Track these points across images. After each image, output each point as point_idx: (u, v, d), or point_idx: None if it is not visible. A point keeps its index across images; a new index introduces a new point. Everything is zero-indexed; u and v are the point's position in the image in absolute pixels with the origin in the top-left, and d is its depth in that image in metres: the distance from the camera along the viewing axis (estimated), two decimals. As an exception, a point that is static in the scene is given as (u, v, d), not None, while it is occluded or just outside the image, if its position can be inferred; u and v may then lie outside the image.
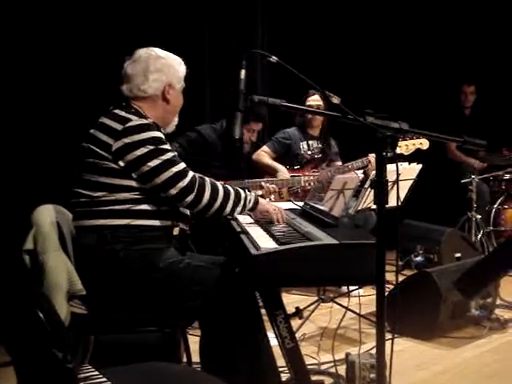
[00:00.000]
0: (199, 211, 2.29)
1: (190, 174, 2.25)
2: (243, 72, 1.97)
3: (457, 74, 5.96)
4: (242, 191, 2.37)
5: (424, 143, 3.91)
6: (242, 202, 2.34)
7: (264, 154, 4.47)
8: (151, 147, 2.20)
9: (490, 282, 1.98)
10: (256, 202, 2.40)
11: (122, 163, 2.19)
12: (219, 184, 2.32)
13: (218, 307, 2.15)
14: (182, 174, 2.22)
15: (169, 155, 2.23)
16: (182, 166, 2.25)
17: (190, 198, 2.22)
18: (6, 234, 2.95)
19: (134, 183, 2.22)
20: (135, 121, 2.22)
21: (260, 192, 3.94)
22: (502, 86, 5.91)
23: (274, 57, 1.95)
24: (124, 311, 2.20)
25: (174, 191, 2.22)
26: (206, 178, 2.30)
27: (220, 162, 3.77)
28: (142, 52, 2.38)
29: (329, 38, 5.73)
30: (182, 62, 2.45)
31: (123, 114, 2.25)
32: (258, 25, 5.38)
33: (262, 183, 3.91)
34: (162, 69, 2.36)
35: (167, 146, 2.25)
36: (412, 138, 3.88)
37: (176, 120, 2.50)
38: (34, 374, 1.32)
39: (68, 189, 2.30)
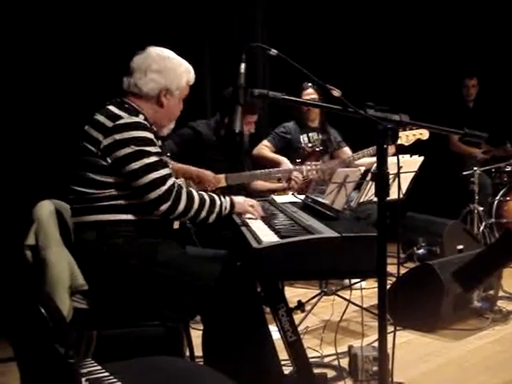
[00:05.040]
0: (173, 218, 2.29)
1: (169, 182, 2.21)
2: (243, 66, 1.96)
3: (460, 66, 5.93)
4: (217, 199, 2.35)
5: (424, 133, 3.90)
6: (216, 210, 2.32)
7: (265, 148, 4.46)
8: (136, 148, 2.17)
9: (489, 276, 1.96)
10: (232, 207, 2.40)
11: (109, 160, 2.18)
12: (195, 193, 2.29)
13: (220, 301, 2.15)
14: (160, 182, 2.18)
15: (151, 159, 2.19)
16: (163, 172, 2.21)
17: (164, 207, 2.19)
18: (8, 229, 2.95)
19: (122, 180, 2.20)
20: (126, 119, 2.21)
21: (286, 184, 3.93)
22: (506, 79, 5.88)
23: (273, 50, 1.94)
24: (126, 306, 2.20)
25: (149, 197, 2.18)
26: (183, 187, 2.27)
27: (217, 155, 3.75)
28: (152, 49, 2.36)
29: (330, 31, 5.71)
30: (191, 70, 2.41)
31: (115, 110, 2.24)
32: (257, 19, 5.36)
33: (293, 174, 3.90)
34: (162, 71, 2.32)
35: (152, 148, 2.21)
36: (412, 129, 3.87)
37: (171, 125, 2.48)
38: (36, 369, 1.33)
39: (66, 185, 2.30)
